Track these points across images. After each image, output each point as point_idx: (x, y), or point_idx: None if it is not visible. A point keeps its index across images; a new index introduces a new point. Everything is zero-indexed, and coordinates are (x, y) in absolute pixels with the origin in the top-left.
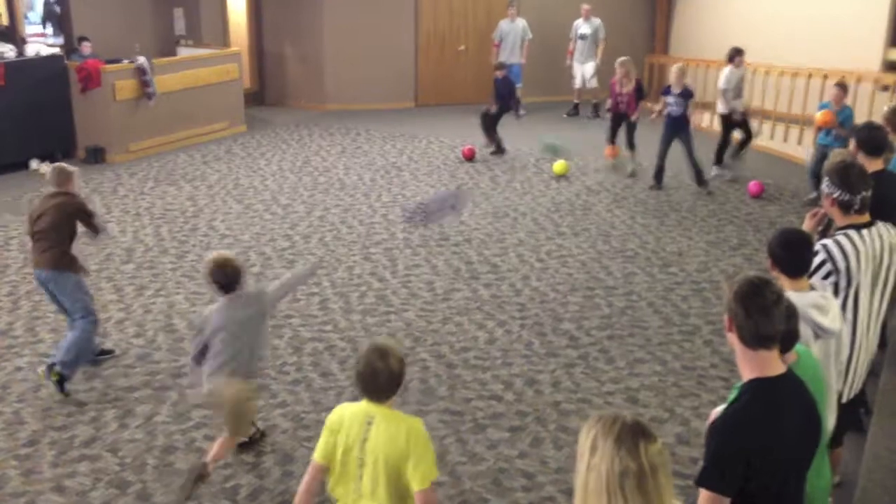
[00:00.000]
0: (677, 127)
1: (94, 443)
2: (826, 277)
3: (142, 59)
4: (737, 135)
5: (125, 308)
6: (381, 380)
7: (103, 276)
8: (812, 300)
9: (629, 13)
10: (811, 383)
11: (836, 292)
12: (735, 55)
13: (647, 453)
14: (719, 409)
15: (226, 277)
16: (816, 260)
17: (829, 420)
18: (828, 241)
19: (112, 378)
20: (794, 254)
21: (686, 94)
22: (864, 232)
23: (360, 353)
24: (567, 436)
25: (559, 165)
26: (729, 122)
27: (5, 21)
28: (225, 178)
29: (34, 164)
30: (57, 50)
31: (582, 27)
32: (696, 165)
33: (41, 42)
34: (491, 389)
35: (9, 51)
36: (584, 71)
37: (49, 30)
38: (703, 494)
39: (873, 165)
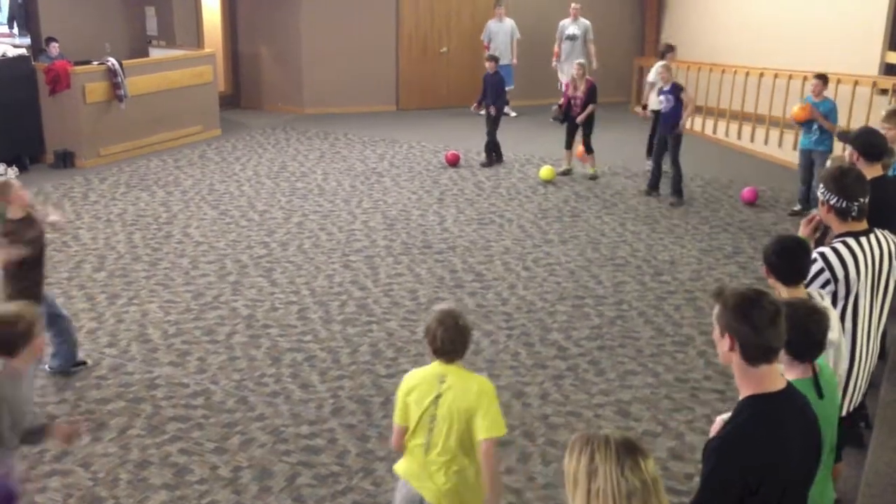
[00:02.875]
0: (668, 126)
1: (65, 457)
2: (824, 286)
3: (112, 61)
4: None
5: (97, 317)
6: (457, 339)
7: (74, 284)
8: None
9: (618, 14)
10: (830, 398)
11: (834, 302)
12: (667, 52)
13: (648, 468)
14: (724, 416)
15: None
16: (814, 269)
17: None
18: (825, 250)
19: (84, 390)
20: (790, 261)
21: (676, 89)
22: (863, 239)
23: (430, 319)
24: (556, 450)
25: (546, 171)
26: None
27: None
28: (199, 184)
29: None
30: (24, 51)
31: (570, 28)
32: (678, 173)
33: (7, 43)
34: None
35: None
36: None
37: (15, 30)
38: None
39: (872, 171)
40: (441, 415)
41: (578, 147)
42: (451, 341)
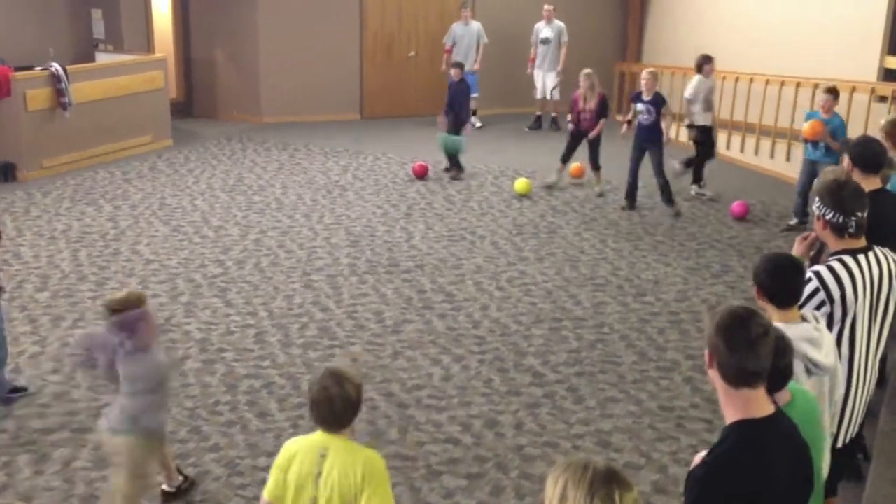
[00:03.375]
0: (648, 138)
1: (5, 491)
2: (819, 308)
3: (56, 66)
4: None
5: (40, 341)
6: (336, 408)
7: (15, 306)
8: (804, 333)
9: (598, 17)
10: (806, 425)
11: (829, 324)
12: (704, 63)
13: (624, 503)
14: (703, 454)
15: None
16: (808, 289)
17: (823, 467)
18: (820, 268)
19: (26, 419)
20: (783, 281)
21: (658, 102)
22: (861, 257)
23: (313, 379)
24: (531, 483)
25: (521, 184)
26: (702, 133)
27: None
28: (149, 198)
29: None
30: None
31: (543, 31)
32: (665, 182)
33: None
34: (447, 432)
35: None
36: (545, 81)
37: None
38: None
39: (870, 184)
40: (324, 499)
41: (573, 165)
42: (331, 409)
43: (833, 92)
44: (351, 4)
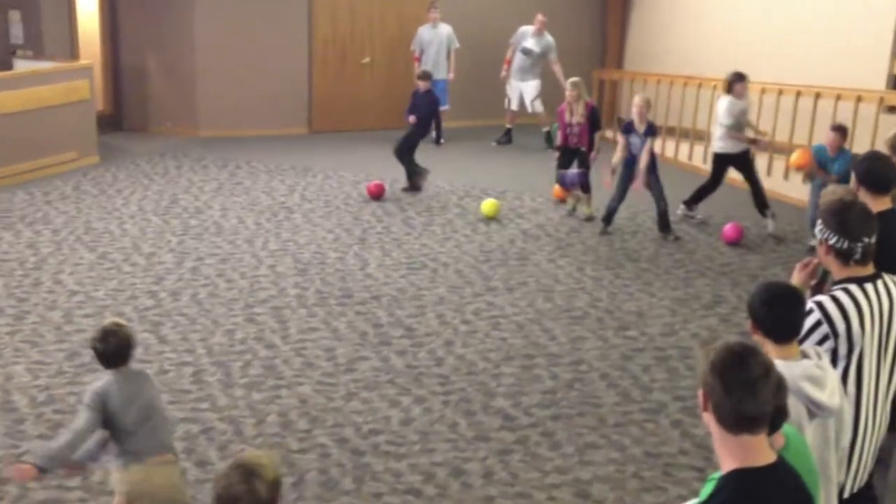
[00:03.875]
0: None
1: None
2: (821, 343)
3: None
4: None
5: None
6: None
7: None
8: (804, 371)
9: (574, 20)
10: (801, 471)
11: (834, 361)
12: (735, 82)
13: None
14: None
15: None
16: (809, 322)
17: None
18: (823, 298)
19: None
20: (781, 313)
21: (651, 132)
22: (868, 286)
23: (220, 472)
24: None
25: (489, 205)
26: (726, 162)
27: None
28: (73, 221)
29: None
30: None
31: (528, 40)
32: (666, 210)
33: None
34: (407, 482)
35: None
36: (523, 90)
37: None
38: None
39: (879, 204)
40: None
41: (555, 187)
42: None
43: (841, 130)
44: (298, 6)
